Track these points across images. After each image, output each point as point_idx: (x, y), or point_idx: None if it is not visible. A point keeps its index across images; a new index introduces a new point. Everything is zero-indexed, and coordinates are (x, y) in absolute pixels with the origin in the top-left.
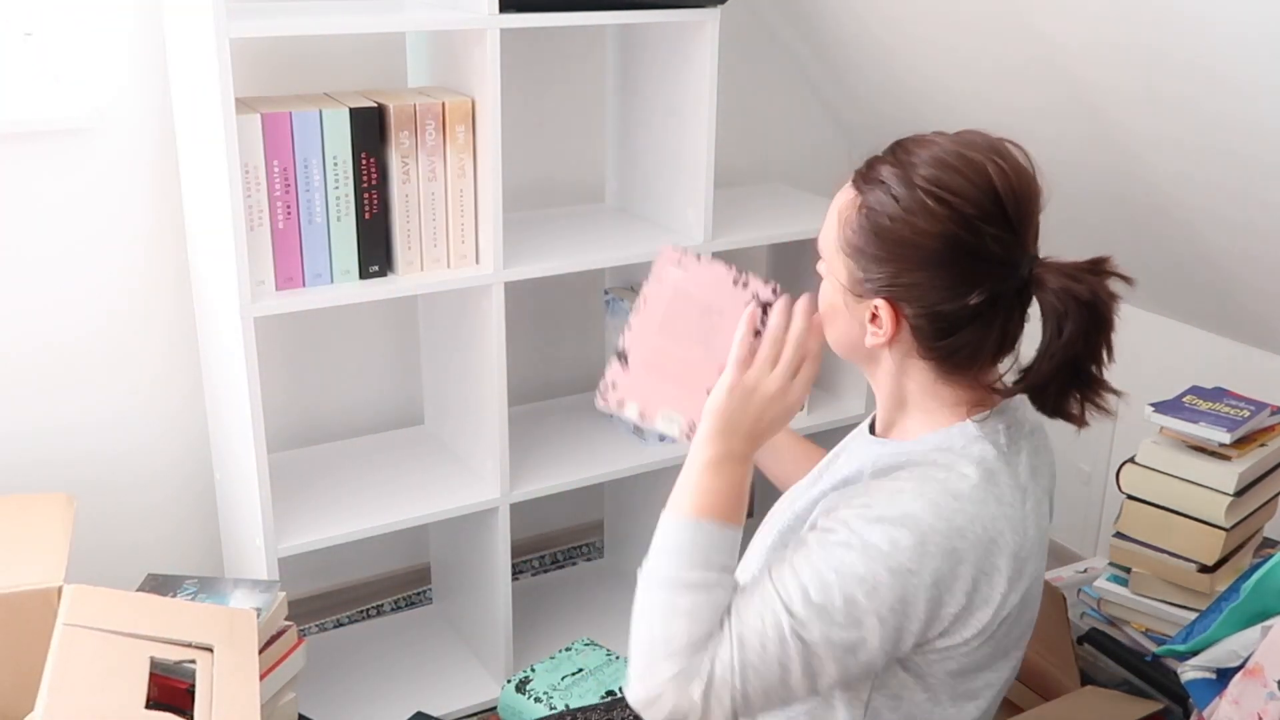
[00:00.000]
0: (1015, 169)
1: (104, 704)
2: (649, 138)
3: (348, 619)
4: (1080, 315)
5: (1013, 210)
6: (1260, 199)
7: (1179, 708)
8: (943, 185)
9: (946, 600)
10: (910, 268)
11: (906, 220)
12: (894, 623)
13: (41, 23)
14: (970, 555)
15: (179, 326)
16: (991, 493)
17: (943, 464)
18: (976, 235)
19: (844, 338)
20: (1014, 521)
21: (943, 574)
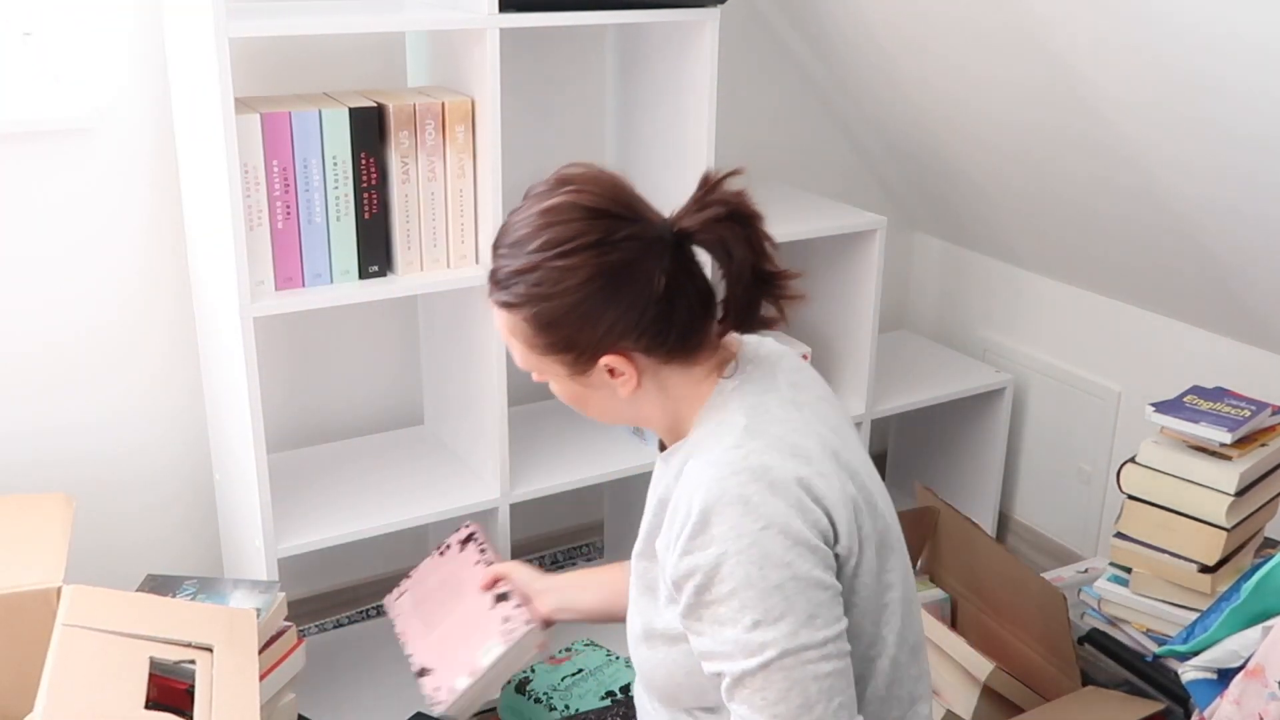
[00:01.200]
0: (584, 179)
1: (104, 704)
2: (649, 138)
3: (348, 619)
4: (730, 229)
5: (616, 207)
6: (1261, 199)
7: (1179, 708)
8: (555, 242)
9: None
10: (597, 317)
11: (559, 290)
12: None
13: (41, 23)
14: (789, 479)
15: (179, 326)
16: (765, 426)
17: (717, 435)
18: (614, 248)
19: (607, 406)
20: (798, 426)
21: (790, 513)
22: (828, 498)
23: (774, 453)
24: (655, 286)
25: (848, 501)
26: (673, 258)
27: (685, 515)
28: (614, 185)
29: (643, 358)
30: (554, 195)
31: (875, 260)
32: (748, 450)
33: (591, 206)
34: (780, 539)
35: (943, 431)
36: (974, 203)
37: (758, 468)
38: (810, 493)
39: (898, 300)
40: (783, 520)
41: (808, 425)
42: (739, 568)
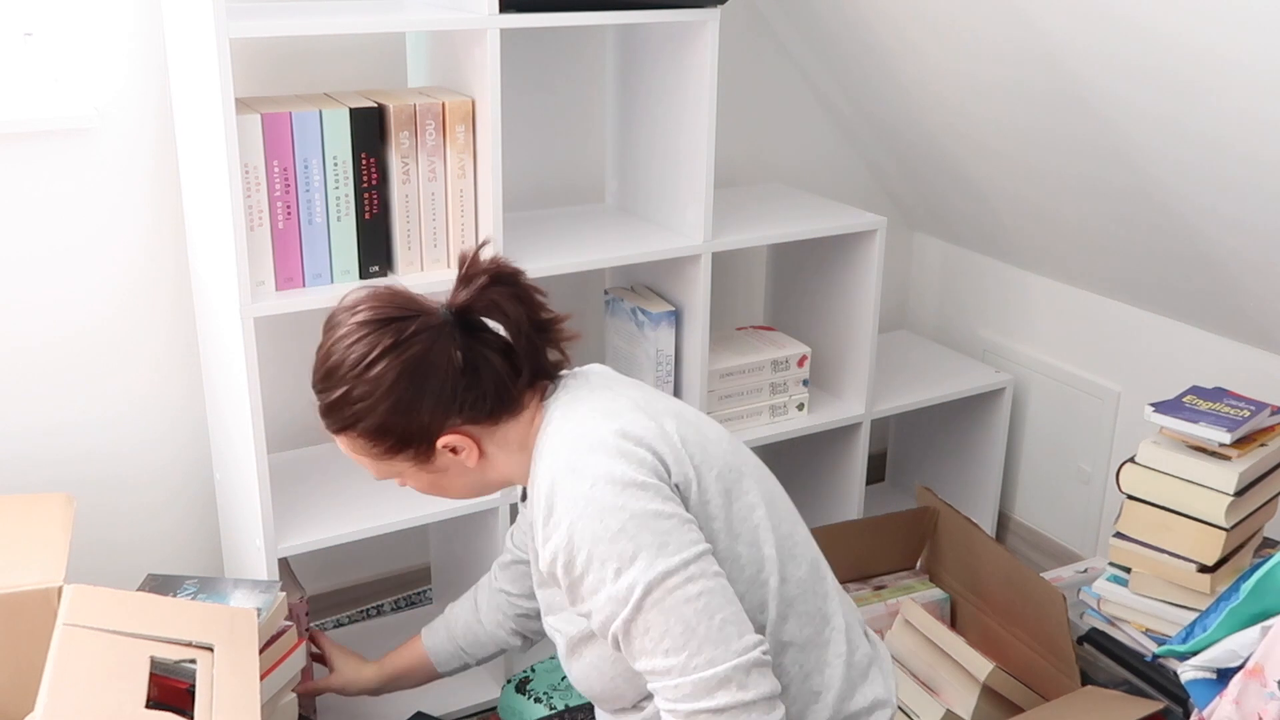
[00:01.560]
0: (362, 299)
1: (104, 704)
2: (649, 138)
3: (348, 619)
4: (498, 291)
5: (396, 311)
6: (1261, 199)
7: (1179, 708)
8: (356, 361)
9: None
10: (416, 408)
11: (375, 400)
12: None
13: (41, 23)
14: (604, 433)
15: (179, 326)
16: (575, 409)
17: (543, 442)
18: (408, 344)
19: (465, 484)
20: (605, 399)
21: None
22: (646, 437)
23: (587, 422)
24: (455, 362)
25: (667, 436)
26: (462, 333)
27: (534, 512)
28: (390, 293)
29: (473, 428)
30: (343, 325)
31: (875, 260)
32: (563, 432)
33: (375, 319)
34: (608, 488)
35: (943, 431)
36: (974, 203)
37: (573, 438)
38: (628, 437)
39: (898, 300)
40: (605, 470)
41: (615, 397)
42: (585, 529)
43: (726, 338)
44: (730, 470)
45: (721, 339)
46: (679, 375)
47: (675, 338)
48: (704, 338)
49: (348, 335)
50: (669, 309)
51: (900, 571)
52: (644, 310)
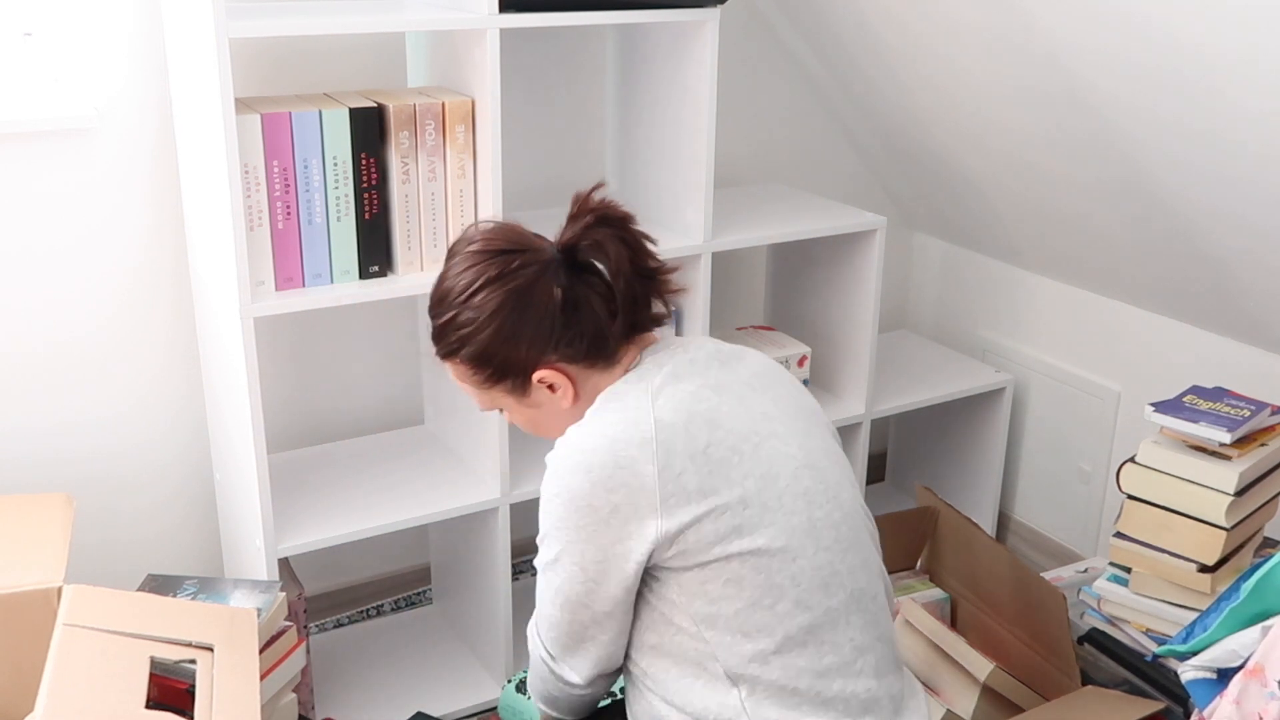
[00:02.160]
0: (476, 233)
1: (104, 704)
2: (649, 138)
3: (348, 619)
4: (602, 232)
5: (506, 244)
6: (1261, 199)
7: (1179, 708)
8: (464, 288)
9: (633, 521)
10: (515, 338)
11: (478, 326)
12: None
13: (41, 23)
14: (605, 459)
15: (179, 326)
16: (611, 407)
17: (594, 404)
18: (513, 276)
19: (560, 423)
20: (631, 415)
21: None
22: (640, 459)
23: (602, 437)
24: (555, 298)
25: (661, 486)
26: (566, 272)
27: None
28: (505, 228)
29: (569, 367)
30: (458, 254)
31: (875, 260)
32: (589, 419)
33: (486, 250)
34: (564, 503)
35: (943, 431)
36: (974, 203)
37: (579, 436)
38: (620, 464)
39: (898, 300)
40: (569, 486)
41: (646, 412)
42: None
43: (726, 338)
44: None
45: (721, 338)
46: None
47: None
48: None
49: (460, 264)
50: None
51: (900, 571)
52: None
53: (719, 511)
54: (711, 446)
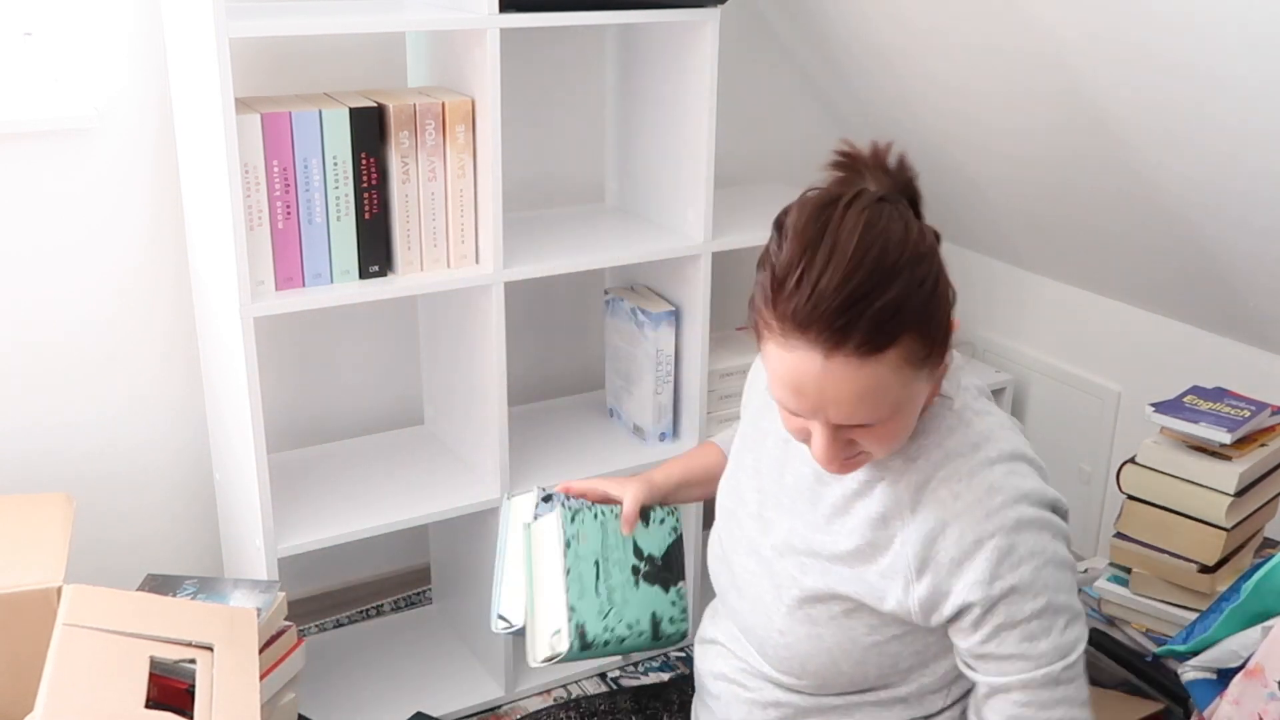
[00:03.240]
0: (824, 197)
1: (104, 704)
2: (649, 138)
3: (348, 619)
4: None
5: (899, 178)
6: (1261, 198)
7: (1179, 708)
8: (902, 235)
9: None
10: (945, 303)
11: (929, 288)
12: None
13: (41, 23)
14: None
15: (179, 326)
16: (1017, 440)
17: (977, 431)
18: (922, 233)
19: (916, 412)
20: (1034, 463)
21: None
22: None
23: (1037, 478)
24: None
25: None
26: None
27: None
28: (829, 183)
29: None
30: (842, 219)
31: None
32: (1014, 471)
33: (872, 197)
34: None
35: None
36: (974, 203)
37: (1031, 493)
38: (1058, 509)
39: None
40: (1051, 544)
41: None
42: (1048, 579)
43: (726, 338)
44: None
45: (721, 339)
46: (679, 375)
47: (675, 338)
48: (704, 338)
49: (863, 220)
50: (669, 309)
51: None
52: (644, 310)
53: None
54: None
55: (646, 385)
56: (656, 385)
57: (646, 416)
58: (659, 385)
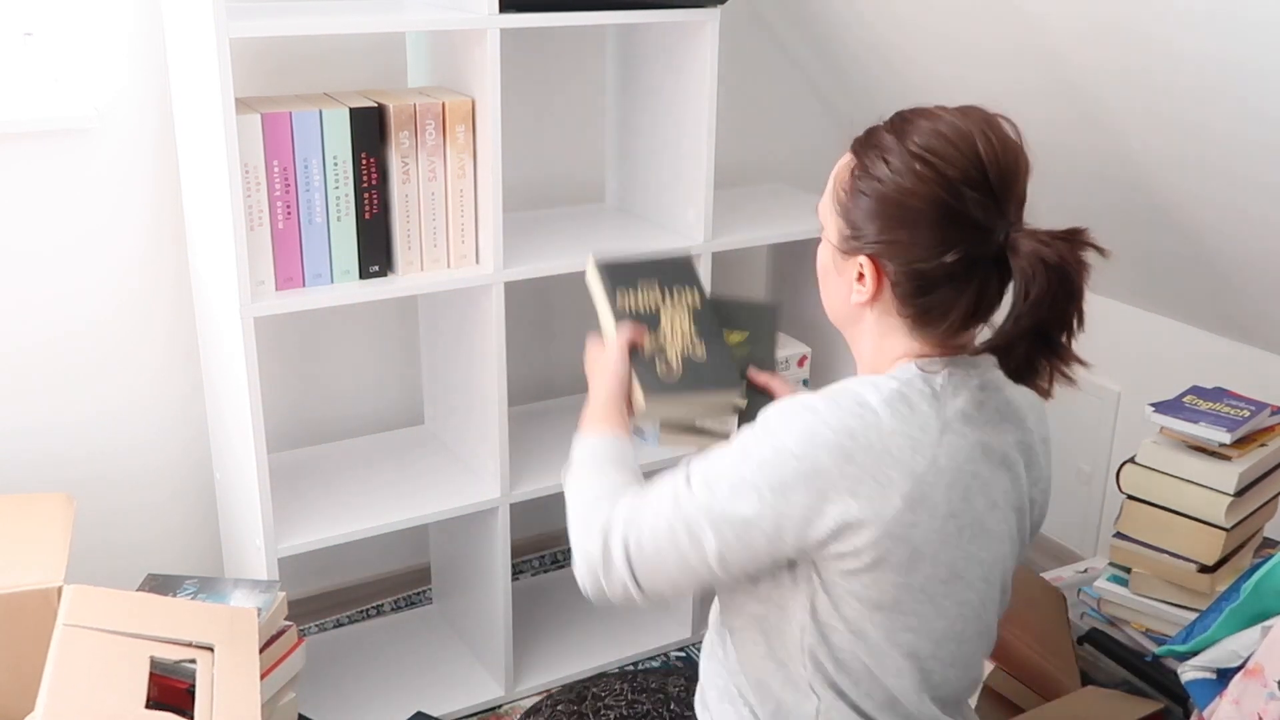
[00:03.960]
0: (1002, 140)
1: (104, 704)
2: (649, 138)
3: (348, 619)
4: (1046, 279)
5: (994, 178)
6: (1260, 199)
7: (1179, 708)
8: (932, 150)
9: (830, 496)
10: (894, 225)
11: (894, 181)
12: (773, 504)
13: (41, 23)
14: (859, 457)
15: (179, 326)
16: (899, 410)
17: (865, 381)
18: (958, 198)
19: (835, 297)
20: (917, 442)
21: (826, 467)
22: (864, 499)
23: (872, 433)
24: (948, 254)
25: (890, 525)
26: (985, 252)
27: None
28: (1011, 162)
29: (888, 293)
30: (975, 124)
31: None
32: (860, 413)
33: (981, 158)
34: (791, 472)
35: None
36: None
37: (847, 429)
38: (853, 484)
39: None
40: (812, 467)
41: (931, 448)
42: (758, 443)
43: None
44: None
45: None
46: None
47: None
48: None
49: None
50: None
51: None
52: None
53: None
54: (944, 551)
55: None
56: None
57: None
58: None
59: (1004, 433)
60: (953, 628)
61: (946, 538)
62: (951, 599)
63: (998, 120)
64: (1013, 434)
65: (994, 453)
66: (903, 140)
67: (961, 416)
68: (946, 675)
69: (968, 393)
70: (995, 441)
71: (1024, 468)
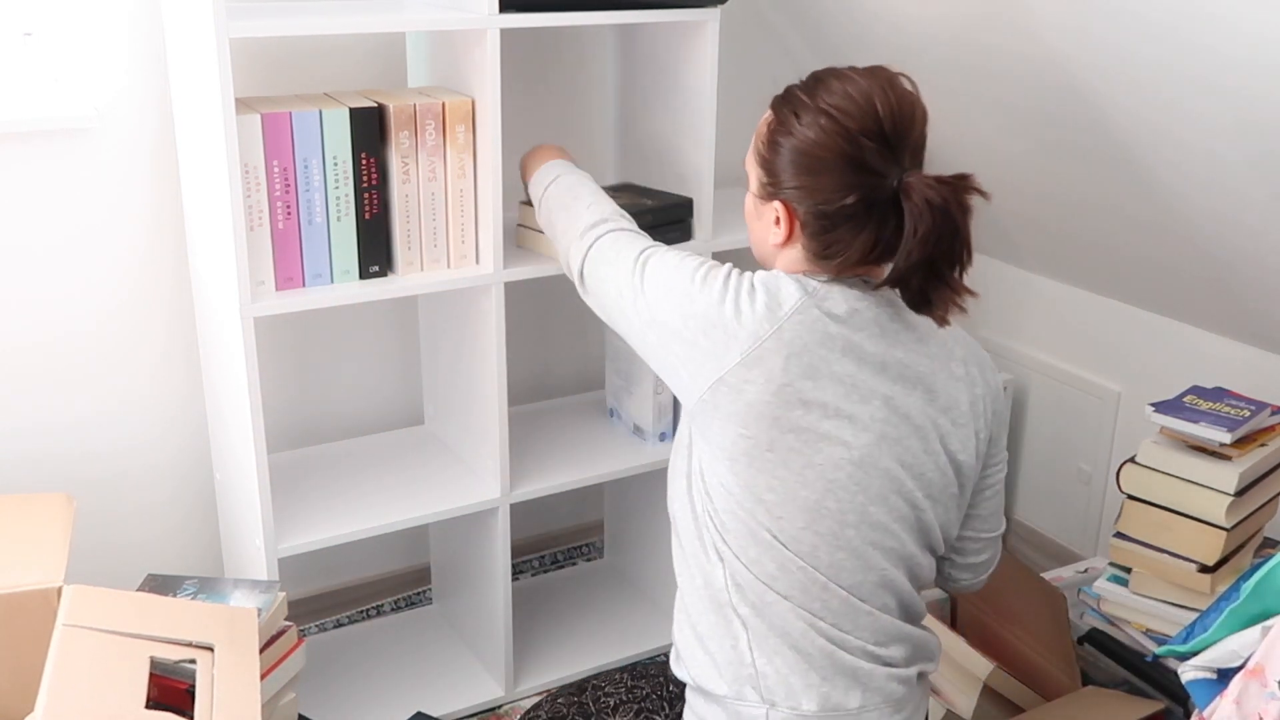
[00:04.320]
0: (899, 95)
1: (104, 704)
2: (649, 138)
3: (348, 619)
4: (932, 218)
5: (889, 129)
6: (1260, 199)
7: (1179, 708)
8: (835, 107)
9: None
10: (802, 173)
11: (799, 131)
12: (648, 305)
13: (41, 23)
14: (718, 320)
15: (179, 326)
16: (766, 286)
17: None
18: (856, 147)
19: (757, 238)
20: (770, 314)
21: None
22: (709, 346)
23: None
24: (848, 197)
25: (724, 375)
26: (881, 195)
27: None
28: (906, 114)
29: (799, 233)
30: (877, 81)
31: None
32: (710, 279)
33: (877, 111)
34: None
35: None
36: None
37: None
38: (699, 334)
39: None
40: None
41: (761, 320)
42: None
43: None
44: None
45: None
46: None
47: None
48: None
49: (860, 90)
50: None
51: None
52: None
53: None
54: (781, 413)
55: (646, 385)
56: (656, 385)
57: (646, 416)
58: (659, 385)
59: (896, 346)
60: (822, 502)
61: (787, 405)
62: (813, 470)
63: (898, 78)
64: (912, 352)
65: (871, 358)
66: (813, 98)
67: (825, 312)
68: (835, 557)
69: (841, 299)
70: (876, 349)
71: (935, 395)
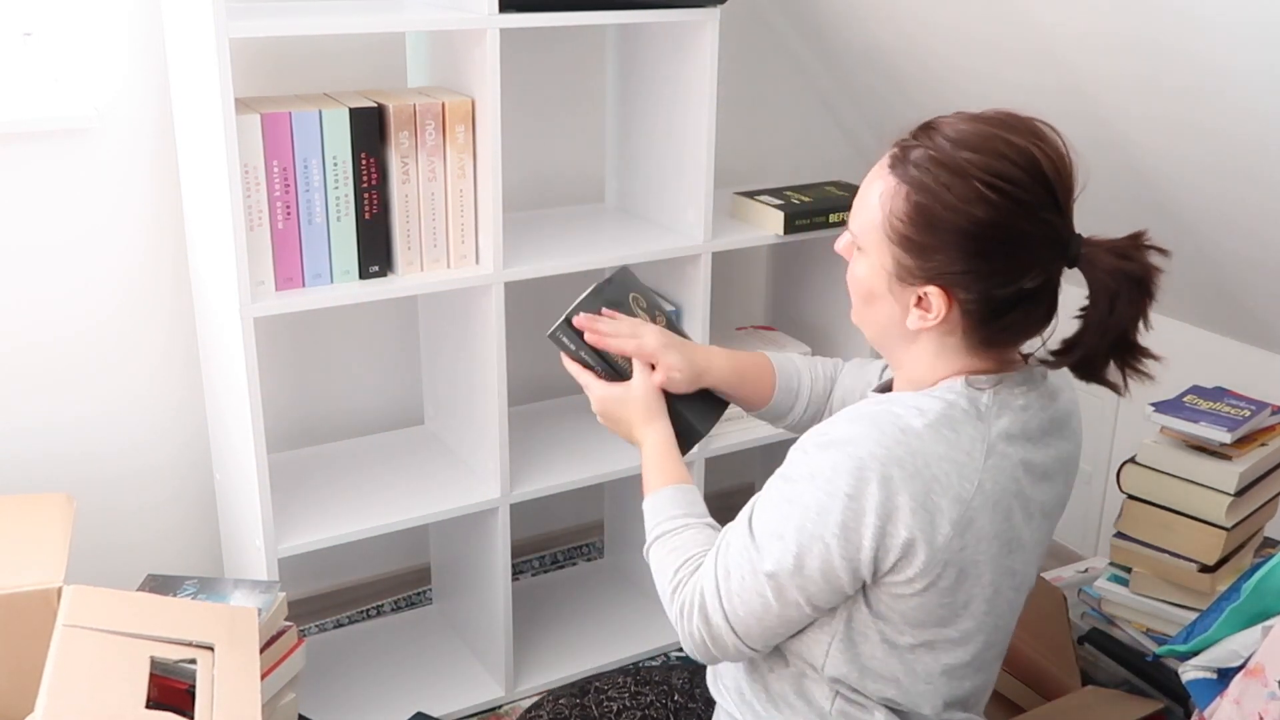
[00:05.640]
0: (1056, 152)
1: (104, 704)
2: (649, 138)
3: (348, 619)
4: (1132, 292)
5: (1060, 194)
6: (1260, 198)
7: (1180, 708)
8: (995, 173)
9: (890, 530)
10: (966, 255)
11: (963, 210)
12: (842, 548)
13: (41, 23)
14: (907, 486)
15: (178, 326)
16: (943, 434)
17: (908, 403)
18: (1033, 222)
19: (883, 320)
20: (961, 467)
21: (881, 501)
22: (918, 526)
23: (918, 459)
24: (1026, 279)
25: (940, 549)
26: (1059, 269)
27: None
28: (1069, 173)
29: (958, 317)
30: (1024, 137)
31: None
32: (904, 440)
33: (1046, 176)
34: (852, 514)
35: None
36: None
37: (894, 458)
38: (908, 514)
39: None
40: (870, 504)
41: (976, 472)
42: (814, 490)
43: (726, 338)
44: (958, 614)
45: (721, 339)
46: None
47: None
48: (704, 338)
49: (1014, 149)
50: (669, 308)
51: None
52: None
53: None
54: (991, 560)
55: None
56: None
57: None
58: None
59: (1049, 446)
60: (989, 638)
61: (991, 557)
62: (992, 613)
63: (1040, 127)
64: (1057, 446)
65: (1036, 468)
66: (956, 161)
67: (1005, 437)
68: (974, 681)
69: (1011, 412)
70: (1039, 457)
71: (1063, 478)
